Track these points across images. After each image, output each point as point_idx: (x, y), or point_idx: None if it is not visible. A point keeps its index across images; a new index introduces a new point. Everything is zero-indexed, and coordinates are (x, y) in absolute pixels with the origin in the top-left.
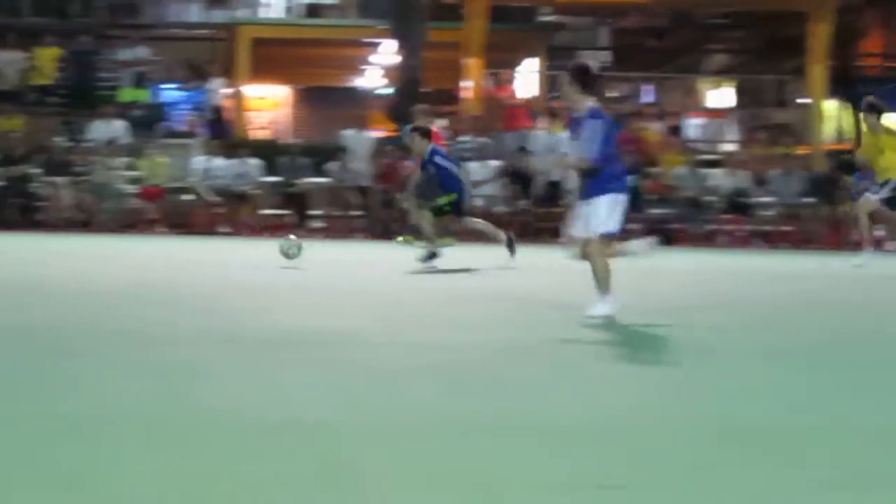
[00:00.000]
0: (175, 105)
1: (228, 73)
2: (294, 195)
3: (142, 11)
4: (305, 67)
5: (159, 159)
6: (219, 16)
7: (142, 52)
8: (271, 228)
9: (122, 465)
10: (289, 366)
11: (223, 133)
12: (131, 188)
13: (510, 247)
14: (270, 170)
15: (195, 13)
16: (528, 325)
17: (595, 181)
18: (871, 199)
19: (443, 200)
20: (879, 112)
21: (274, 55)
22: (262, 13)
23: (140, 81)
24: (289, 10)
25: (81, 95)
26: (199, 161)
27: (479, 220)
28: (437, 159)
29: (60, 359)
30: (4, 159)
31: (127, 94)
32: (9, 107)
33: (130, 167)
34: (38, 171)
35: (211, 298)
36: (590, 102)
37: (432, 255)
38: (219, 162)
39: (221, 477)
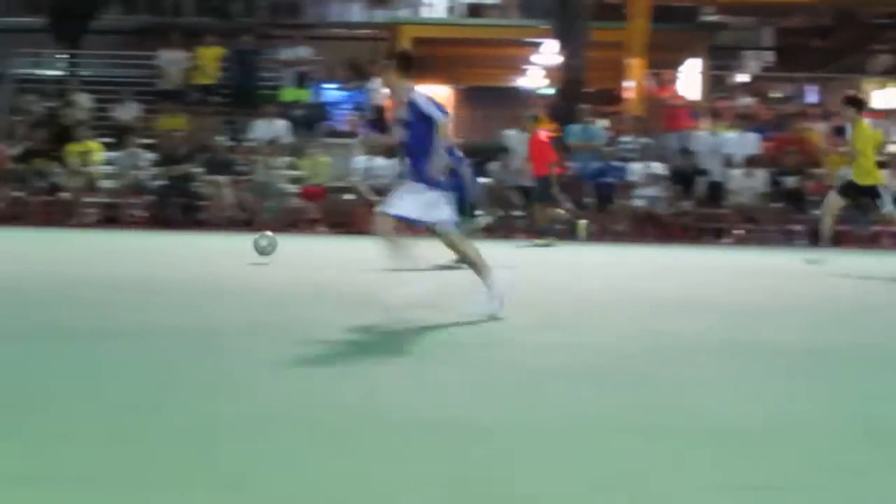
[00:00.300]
0: (336, 104)
1: None
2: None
3: (303, 11)
4: (467, 67)
5: (321, 159)
6: (380, 15)
7: (303, 51)
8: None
9: (281, 465)
10: (445, 365)
11: (384, 132)
12: (293, 187)
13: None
14: None
15: (357, 13)
16: (681, 327)
17: (418, 162)
18: (890, 210)
19: None
20: (859, 106)
21: (436, 55)
22: (424, 13)
23: (302, 81)
24: (451, 9)
25: (243, 95)
26: (361, 160)
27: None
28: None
29: (223, 356)
30: (167, 158)
31: (288, 94)
32: (172, 106)
33: (292, 166)
34: (200, 170)
35: (371, 298)
36: (410, 86)
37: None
38: (380, 161)
39: (376, 477)
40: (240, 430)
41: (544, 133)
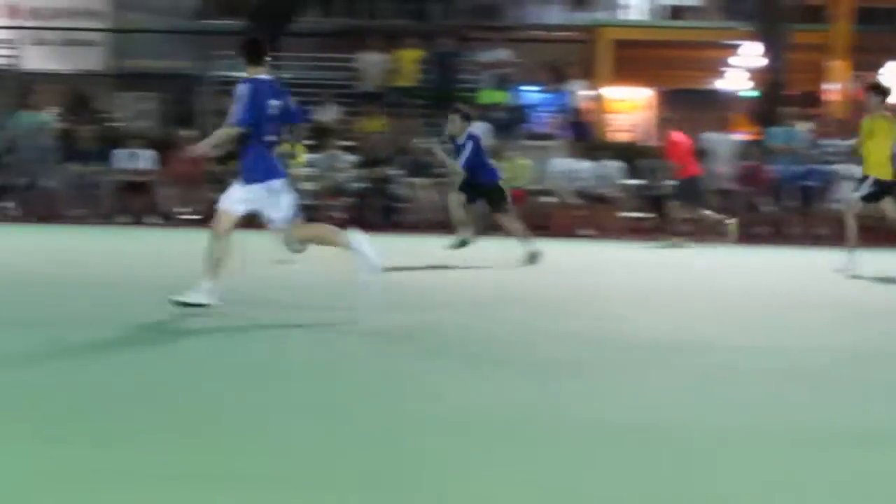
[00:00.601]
0: (535, 107)
1: (589, 74)
2: (655, 198)
3: (502, 13)
4: (667, 69)
5: (521, 161)
6: (579, 17)
7: (502, 53)
8: (634, 231)
9: (475, 466)
10: (650, 370)
11: (584, 135)
12: None
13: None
14: (631, 172)
15: (555, 15)
16: (885, 331)
17: (246, 160)
18: (854, 197)
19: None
20: (883, 94)
21: (635, 57)
22: (622, 15)
23: (501, 83)
24: (653, 11)
25: (442, 97)
26: (561, 163)
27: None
28: (471, 145)
29: (407, 357)
30: (367, 160)
31: (487, 96)
32: (371, 108)
33: None
34: (399, 172)
35: (573, 301)
36: (257, 73)
37: (462, 244)
38: (580, 164)
39: (585, 483)
40: (434, 430)
41: (681, 134)
